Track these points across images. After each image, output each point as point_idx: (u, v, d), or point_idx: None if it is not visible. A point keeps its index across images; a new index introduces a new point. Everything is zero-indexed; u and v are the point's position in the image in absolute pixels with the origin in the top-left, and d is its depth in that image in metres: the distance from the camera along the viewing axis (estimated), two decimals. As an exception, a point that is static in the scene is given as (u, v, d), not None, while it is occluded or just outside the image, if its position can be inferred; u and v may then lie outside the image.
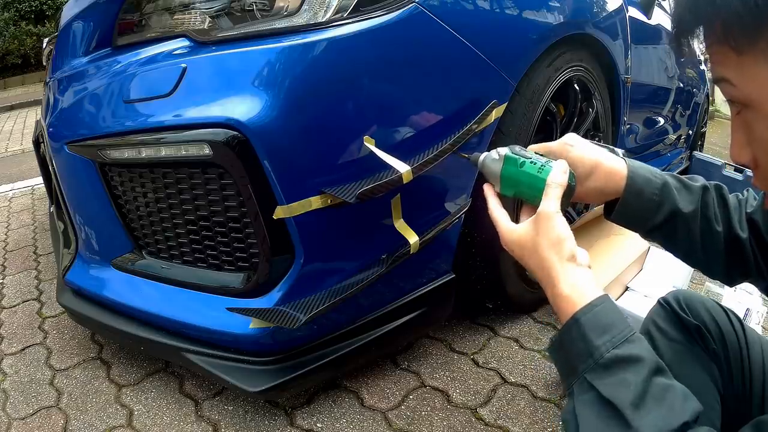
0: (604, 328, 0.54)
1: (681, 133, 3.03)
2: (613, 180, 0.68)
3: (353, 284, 0.93)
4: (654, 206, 0.67)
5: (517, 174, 0.65)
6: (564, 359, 0.57)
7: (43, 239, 1.96)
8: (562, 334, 0.57)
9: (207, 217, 0.92)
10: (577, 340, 0.55)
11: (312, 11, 0.85)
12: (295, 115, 0.81)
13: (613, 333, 0.53)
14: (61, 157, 1.04)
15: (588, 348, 0.53)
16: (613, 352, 0.52)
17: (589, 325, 0.54)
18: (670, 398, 0.50)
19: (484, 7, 0.99)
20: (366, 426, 1.00)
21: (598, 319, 0.55)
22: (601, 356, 0.52)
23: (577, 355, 0.55)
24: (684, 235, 0.68)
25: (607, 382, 0.51)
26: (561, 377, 0.59)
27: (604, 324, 0.54)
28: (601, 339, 0.53)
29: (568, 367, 0.56)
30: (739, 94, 0.43)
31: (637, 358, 0.52)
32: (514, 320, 1.34)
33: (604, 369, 0.52)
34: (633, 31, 1.60)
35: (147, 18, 1.01)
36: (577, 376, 0.54)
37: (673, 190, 0.68)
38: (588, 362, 0.53)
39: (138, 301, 1.02)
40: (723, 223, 0.68)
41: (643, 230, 0.70)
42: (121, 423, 1.02)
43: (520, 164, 0.65)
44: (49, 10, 7.97)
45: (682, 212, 0.67)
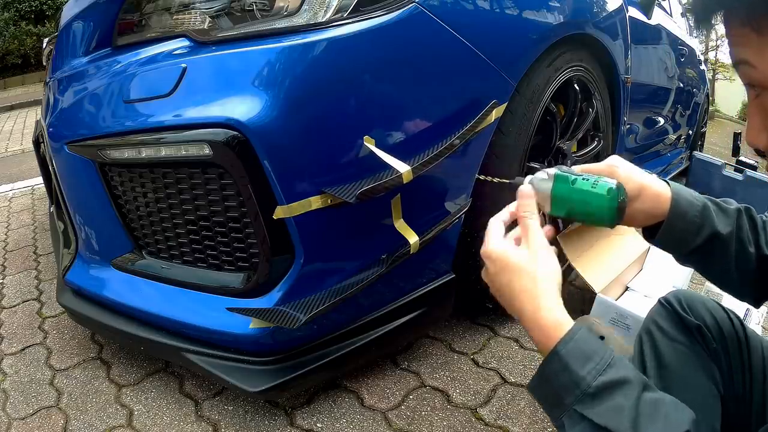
0: (587, 356, 0.53)
1: (681, 133, 3.03)
2: (659, 202, 0.67)
3: (353, 284, 0.93)
4: (695, 228, 0.67)
5: (569, 192, 0.64)
6: (548, 393, 0.56)
7: (43, 239, 1.96)
8: (543, 368, 0.56)
9: (207, 217, 0.92)
10: (560, 372, 0.54)
11: (312, 11, 0.85)
12: (295, 115, 0.81)
13: (595, 360, 0.53)
14: (61, 157, 1.04)
15: (573, 379, 0.53)
16: (600, 379, 0.52)
17: (571, 355, 0.53)
18: (662, 411, 0.50)
19: (484, 7, 0.99)
20: (366, 426, 1.00)
21: (579, 349, 0.54)
22: (588, 386, 0.52)
23: (562, 387, 0.54)
24: (720, 258, 0.68)
25: (599, 411, 0.51)
26: (546, 411, 0.58)
27: (585, 353, 0.53)
28: (585, 368, 0.52)
29: (554, 401, 0.55)
30: (759, 76, 0.43)
31: (624, 380, 0.51)
32: (514, 320, 1.34)
33: (593, 398, 0.52)
34: (633, 31, 1.60)
35: (147, 18, 1.01)
36: (566, 409, 0.53)
37: (712, 213, 0.68)
38: (575, 393, 0.52)
39: (138, 301, 1.02)
40: (754, 244, 0.68)
41: (682, 253, 0.69)
42: (121, 423, 1.02)
43: (572, 182, 0.64)
44: (49, 10, 7.97)
45: (721, 234, 0.67)
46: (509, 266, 0.59)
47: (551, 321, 0.56)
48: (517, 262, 0.58)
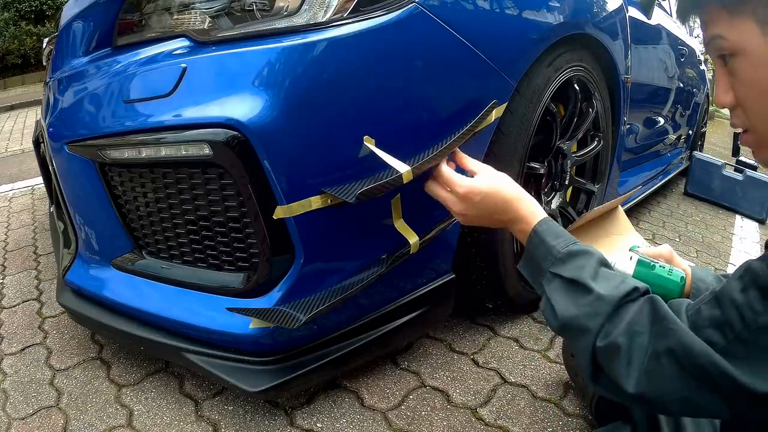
0: (557, 234, 0.71)
1: (681, 133, 3.03)
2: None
3: (353, 284, 0.93)
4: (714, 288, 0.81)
5: (648, 275, 0.78)
6: (531, 265, 0.72)
7: (43, 239, 1.96)
8: (527, 245, 0.73)
9: (207, 217, 0.92)
10: (539, 245, 0.71)
11: (312, 11, 0.85)
12: (295, 115, 0.81)
13: (564, 237, 0.70)
14: (61, 157, 1.04)
15: (547, 248, 0.70)
16: (567, 248, 0.68)
17: (546, 232, 0.71)
18: (618, 277, 0.65)
19: (484, 7, 0.99)
20: (366, 426, 1.00)
21: (551, 229, 0.72)
22: (558, 252, 0.68)
23: (540, 256, 0.70)
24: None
25: (567, 269, 0.67)
26: (532, 282, 0.73)
27: (556, 231, 0.71)
28: (556, 241, 0.70)
29: (536, 270, 0.71)
30: (728, 45, 0.55)
31: (587, 251, 0.68)
32: (514, 320, 1.34)
33: (563, 261, 0.68)
34: (633, 31, 1.60)
35: (147, 18, 1.01)
36: (544, 273, 0.69)
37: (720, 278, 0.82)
38: (549, 259, 0.69)
39: (138, 301, 1.02)
40: None
41: None
42: (121, 423, 1.02)
43: (651, 267, 0.79)
44: (49, 10, 7.97)
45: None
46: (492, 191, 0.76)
47: (530, 213, 0.74)
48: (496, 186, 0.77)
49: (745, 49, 0.54)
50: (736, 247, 2.50)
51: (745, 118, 0.58)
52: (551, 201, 1.42)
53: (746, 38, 0.54)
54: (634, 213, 2.59)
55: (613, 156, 1.62)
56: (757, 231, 2.88)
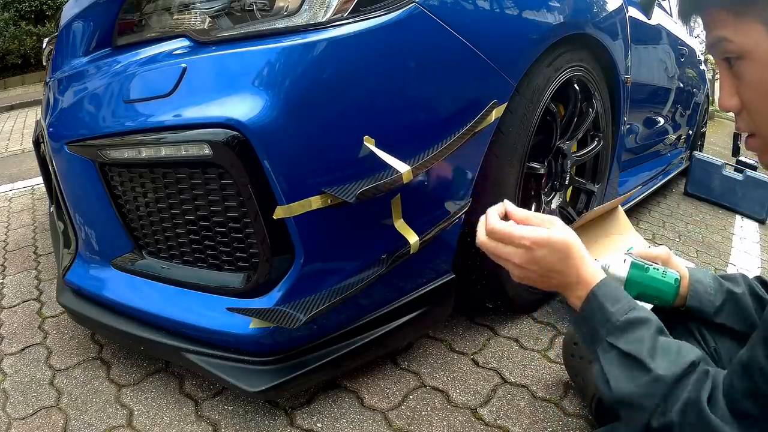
0: (616, 298, 0.66)
1: (681, 133, 3.03)
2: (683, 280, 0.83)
3: (353, 284, 0.93)
4: (712, 290, 0.82)
5: (642, 278, 0.78)
6: (587, 329, 0.68)
7: (43, 239, 1.96)
8: (584, 307, 0.69)
9: (207, 217, 0.92)
10: (597, 311, 0.67)
11: (312, 11, 0.85)
12: (295, 115, 0.81)
13: (622, 302, 0.66)
14: (61, 157, 1.04)
15: (606, 315, 0.65)
16: (626, 316, 0.64)
17: (605, 298, 0.67)
18: (675, 348, 0.62)
19: (484, 7, 0.99)
20: (366, 426, 1.00)
21: (610, 293, 0.67)
22: (617, 320, 0.64)
23: (597, 322, 0.66)
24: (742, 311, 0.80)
25: (625, 340, 0.63)
26: (586, 345, 0.70)
27: (615, 296, 0.67)
28: (615, 307, 0.65)
29: (592, 335, 0.67)
30: (735, 48, 0.54)
31: (645, 320, 0.64)
32: (514, 320, 1.34)
33: (621, 331, 0.64)
34: (633, 31, 1.60)
35: (147, 18, 1.01)
36: (600, 340, 0.65)
37: (720, 279, 0.83)
38: (607, 326, 0.65)
39: (138, 301, 1.02)
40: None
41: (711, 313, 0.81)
42: (121, 423, 1.02)
43: (645, 269, 0.79)
44: (49, 10, 7.97)
45: (735, 292, 0.81)
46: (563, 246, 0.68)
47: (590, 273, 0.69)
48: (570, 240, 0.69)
49: (751, 51, 0.54)
50: (736, 247, 2.50)
51: (750, 122, 0.57)
52: (551, 201, 1.42)
53: (753, 41, 0.53)
54: (634, 213, 2.59)
55: (613, 156, 1.62)
56: (757, 231, 2.88)
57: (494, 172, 1.10)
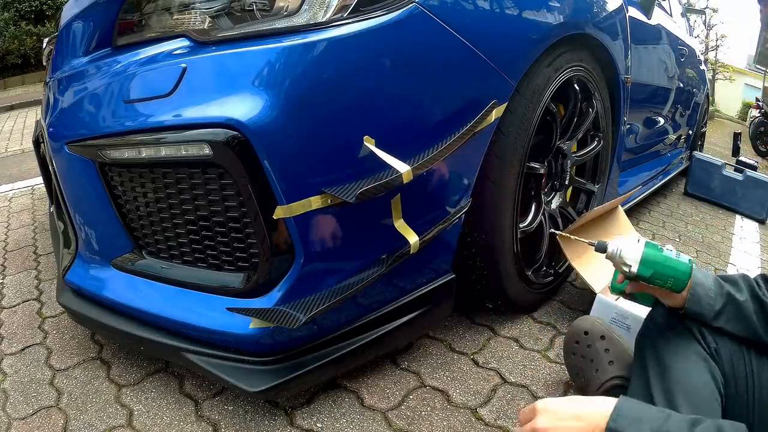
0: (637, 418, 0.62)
1: (681, 133, 3.03)
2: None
3: (353, 284, 0.93)
4: (713, 294, 0.81)
5: (657, 257, 0.77)
6: None
7: (43, 239, 1.96)
8: None
9: (207, 217, 0.92)
10: None
11: (312, 11, 0.85)
12: (295, 115, 0.81)
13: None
14: (61, 157, 1.04)
15: None
16: None
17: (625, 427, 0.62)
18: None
19: (484, 7, 0.99)
20: (366, 426, 1.00)
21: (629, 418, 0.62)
22: None
23: None
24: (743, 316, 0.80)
25: None
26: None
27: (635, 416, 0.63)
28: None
29: None
30: None
31: None
32: (514, 320, 1.34)
33: None
34: (633, 31, 1.60)
35: (147, 18, 1.01)
36: None
37: (721, 282, 0.82)
38: None
39: (138, 301, 1.02)
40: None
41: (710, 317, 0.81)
42: (121, 423, 1.02)
43: (659, 249, 0.78)
44: (49, 10, 7.97)
45: (735, 296, 0.80)
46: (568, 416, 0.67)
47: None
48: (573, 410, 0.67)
49: None
50: (736, 247, 2.50)
51: None
52: (551, 201, 1.42)
53: None
54: (634, 213, 2.59)
55: (613, 156, 1.62)
56: (757, 231, 2.88)
57: (494, 172, 1.10)
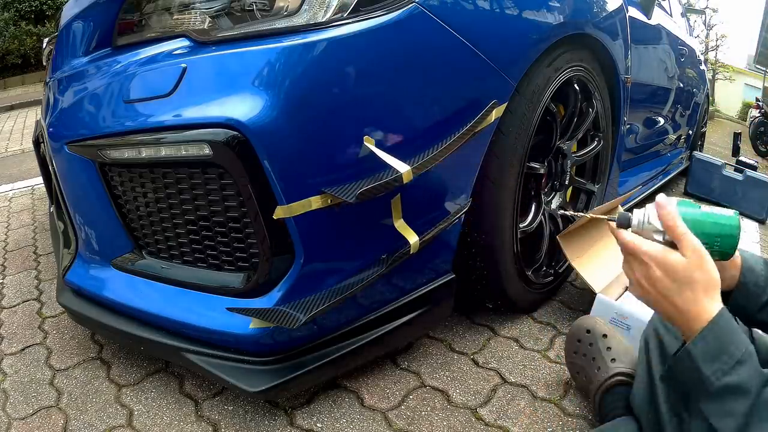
0: (715, 355, 0.57)
1: (681, 133, 3.03)
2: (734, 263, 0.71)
3: (353, 284, 0.93)
4: (763, 281, 0.71)
5: (698, 214, 0.64)
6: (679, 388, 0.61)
7: (43, 239, 1.96)
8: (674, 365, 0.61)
9: (207, 217, 0.92)
10: (691, 371, 0.58)
11: (312, 11, 0.85)
12: (295, 115, 0.81)
13: (723, 359, 0.56)
14: (61, 157, 1.04)
15: (700, 377, 0.57)
16: (723, 380, 0.56)
17: (701, 355, 0.57)
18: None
19: (484, 7, 0.99)
20: (366, 426, 1.00)
21: (709, 347, 0.57)
22: (711, 385, 0.56)
23: (691, 384, 0.59)
24: None
25: (716, 412, 0.56)
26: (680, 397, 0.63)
27: (715, 350, 0.57)
28: (712, 368, 0.56)
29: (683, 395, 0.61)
30: None
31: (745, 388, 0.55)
32: (514, 320, 1.34)
33: (715, 398, 0.56)
34: (633, 31, 1.60)
35: (147, 18, 1.01)
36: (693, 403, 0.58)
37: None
38: (701, 390, 0.57)
39: (138, 301, 1.02)
40: None
41: (755, 308, 0.71)
42: (121, 423, 1.02)
43: (697, 206, 0.66)
44: (49, 10, 7.97)
45: None
46: (683, 279, 0.59)
47: (697, 315, 0.59)
48: (689, 274, 0.59)
49: None
50: (736, 247, 2.49)
51: None
52: (551, 201, 1.42)
53: None
54: (634, 213, 2.58)
55: (613, 156, 1.62)
56: (757, 231, 2.88)
57: (494, 172, 1.10)
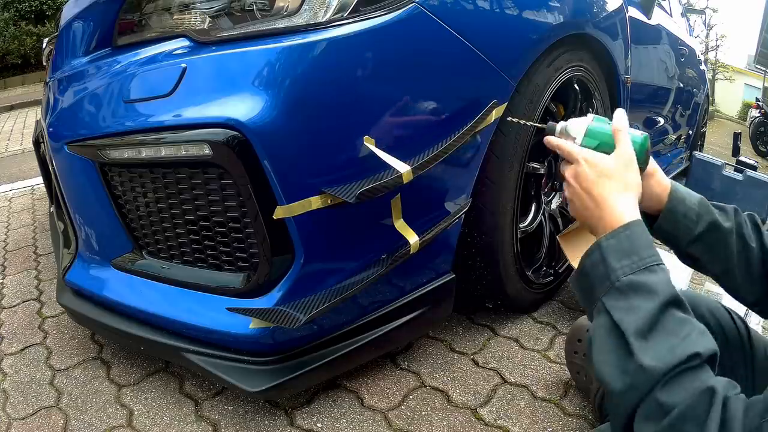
0: (626, 252, 0.55)
1: (681, 133, 3.03)
2: (662, 189, 0.71)
3: (353, 284, 0.93)
4: (695, 215, 0.70)
5: (604, 129, 0.70)
6: (585, 286, 0.58)
7: (43, 239, 1.96)
8: (584, 259, 0.58)
9: (207, 217, 0.92)
10: (598, 264, 0.56)
11: (312, 11, 0.85)
12: (295, 115, 0.81)
13: (633, 258, 0.54)
14: (61, 157, 1.04)
15: (607, 271, 0.55)
16: (630, 277, 0.53)
17: (611, 249, 0.56)
18: (683, 331, 0.49)
19: (484, 7, 0.99)
20: (366, 426, 1.00)
21: (621, 245, 0.56)
22: (617, 279, 0.54)
23: (596, 278, 0.56)
24: (722, 250, 0.70)
25: (619, 306, 0.52)
26: (583, 305, 0.60)
27: (626, 249, 0.55)
28: (620, 263, 0.54)
29: (589, 294, 0.57)
30: None
31: (652, 288, 0.52)
32: (514, 320, 1.34)
33: (619, 293, 0.53)
34: (633, 31, 1.60)
35: (147, 18, 1.01)
36: (595, 300, 0.55)
37: (710, 206, 0.71)
38: (605, 284, 0.54)
39: (138, 301, 1.02)
40: (756, 242, 0.69)
41: (685, 240, 0.71)
42: (121, 423, 1.02)
43: (608, 122, 0.70)
44: (49, 10, 7.98)
45: (721, 225, 0.69)
46: (604, 168, 0.62)
47: (616, 217, 0.59)
48: (611, 165, 0.63)
49: None
50: (736, 247, 2.49)
51: None
52: (551, 201, 1.42)
53: None
54: (634, 213, 2.58)
55: (613, 156, 1.61)
56: (757, 231, 2.88)
57: (494, 172, 1.10)
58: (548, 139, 0.73)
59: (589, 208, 0.63)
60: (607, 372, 0.51)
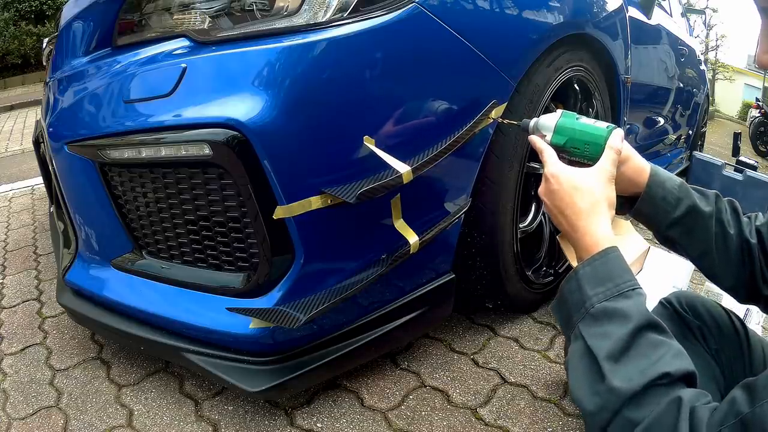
0: (601, 280, 0.57)
1: (681, 133, 3.03)
2: (640, 173, 0.72)
3: (353, 284, 0.93)
4: (674, 199, 0.71)
5: (573, 124, 0.72)
6: (564, 312, 0.60)
7: (43, 239, 1.96)
8: (562, 287, 0.60)
9: (207, 217, 0.92)
10: (575, 291, 0.58)
11: (312, 11, 0.85)
12: (295, 115, 0.81)
13: (608, 286, 0.56)
14: (61, 157, 1.04)
15: (582, 298, 0.57)
16: (604, 303, 0.55)
17: (587, 277, 0.58)
18: (657, 353, 0.51)
19: (484, 7, 0.99)
20: (366, 426, 1.00)
21: (596, 272, 0.58)
22: (591, 306, 0.56)
23: (573, 305, 0.58)
24: (701, 233, 0.71)
25: (592, 332, 0.54)
26: (563, 331, 0.62)
27: (601, 276, 0.57)
28: (595, 290, 0.56)
29: (567, 320, 0.59)
30: None
31: (624, 314, 0.54)
32: (514, 320, 1.34)
33: (593, 319, 0.55)
34: (633, 31, 1.60)
35: (147, 18, 1.01)
36: (573, 326, 0.57)
37: (690, 189, 0.72)
38: (581, 311, 0.56)
39: (138, 301, 1.02)
40: (735, 228, 0.70)
41: (663, 223, 0.72)
42: (121, 423, 1.02)
43: (576, 117, 0.73)
44: (49, 10, 7.98)
45: (701, 209, 0.70)
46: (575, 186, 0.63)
47: (590, 242, 0.60)
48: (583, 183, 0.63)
49: None
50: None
51: None
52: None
53: None
54: (634, 213, 2.58)
55: (613, 156, 1.61)
56: (757, 231, 2.88)
57: (494, 172, 1.10)
58: (531, 139, 0.74)
59: (565, 230, 0.64)
60: (581, 394, 0.52)
